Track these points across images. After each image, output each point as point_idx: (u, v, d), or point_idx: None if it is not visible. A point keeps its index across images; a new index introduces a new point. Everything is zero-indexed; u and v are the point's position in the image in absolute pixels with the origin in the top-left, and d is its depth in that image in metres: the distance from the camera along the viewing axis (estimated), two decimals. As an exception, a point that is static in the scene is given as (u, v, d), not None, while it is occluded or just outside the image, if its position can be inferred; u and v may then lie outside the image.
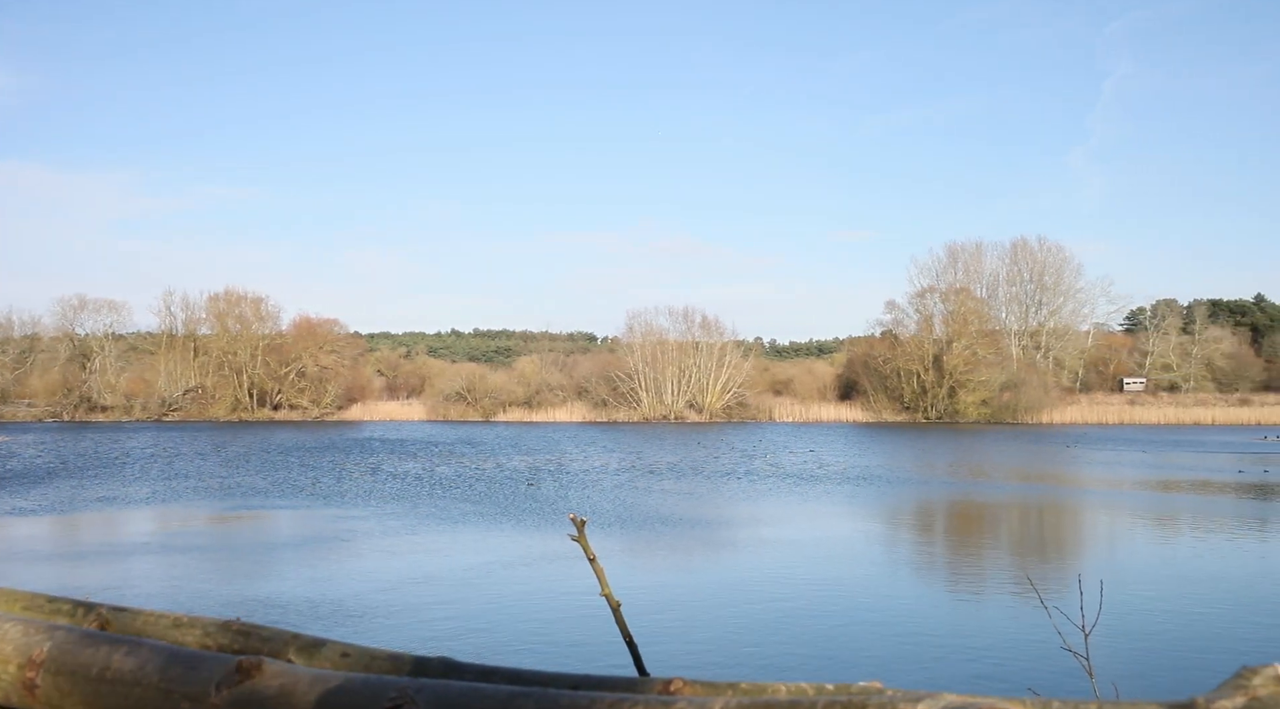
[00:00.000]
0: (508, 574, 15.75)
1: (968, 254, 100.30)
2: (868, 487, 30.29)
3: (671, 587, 14.89)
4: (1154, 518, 23.53)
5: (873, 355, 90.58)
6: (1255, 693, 1.18)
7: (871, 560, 17.64)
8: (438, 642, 11.17)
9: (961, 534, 22.16)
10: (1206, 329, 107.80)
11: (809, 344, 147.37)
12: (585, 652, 10.73)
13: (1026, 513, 25.20)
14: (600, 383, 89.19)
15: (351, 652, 1.87)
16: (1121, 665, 9.72)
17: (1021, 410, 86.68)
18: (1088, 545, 20.28)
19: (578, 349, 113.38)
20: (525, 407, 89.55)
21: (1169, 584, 15.14)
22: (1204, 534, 20.67)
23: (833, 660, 10.51)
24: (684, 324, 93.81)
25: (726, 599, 13.84)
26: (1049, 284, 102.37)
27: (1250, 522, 22.42)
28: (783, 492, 28.65)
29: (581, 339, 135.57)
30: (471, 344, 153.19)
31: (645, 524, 21.64)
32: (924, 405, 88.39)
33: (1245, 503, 26.05)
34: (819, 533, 20.40)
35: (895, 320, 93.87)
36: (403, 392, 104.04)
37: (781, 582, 15.24)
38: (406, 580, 15.14)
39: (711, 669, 10.03)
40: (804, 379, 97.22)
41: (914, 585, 15.65)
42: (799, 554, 17.82)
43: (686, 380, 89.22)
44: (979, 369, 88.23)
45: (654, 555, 18.08)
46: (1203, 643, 11.36)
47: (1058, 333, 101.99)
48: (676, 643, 11.22)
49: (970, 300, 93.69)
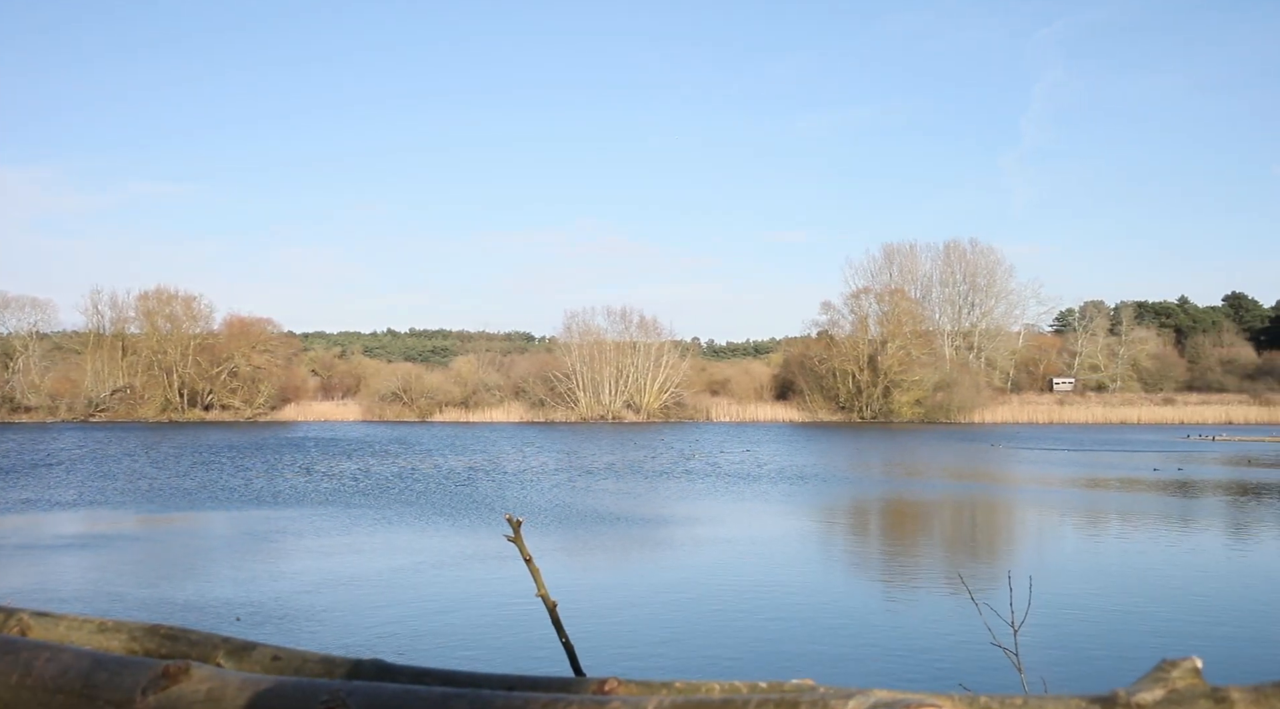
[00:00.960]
0: (443, 575, 15.64)
1: (902, 255, 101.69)
2: (803, 486, 30.54)
3: (608, 586, 14.90)
4: (1081, 515, 24.01)
5: (809, 356, 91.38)
6: (1174, 685, 1.21)
7: (807, 559, 17.78)
8: (371, 644, 11.06)
9: (895, 532, 22.43)
10: (1132, 330, 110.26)
11: (746, 344, 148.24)
12: (521, 652, 10.69)
13: (959, 511, 25.57)
14: (538, 383, 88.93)
15: (282, 654, 1.84)
16: (1051, 660, 9.90)
17: (954, 410, 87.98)
18: (1018, 542, 20.63)
19: (515, 349, 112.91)
20: (462, 407, 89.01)
21: (1096, 580, 15.46)
22: (1128, 530, 21.13)
23: (767, 659, 10.59)
24: (621, 324, 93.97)
25: (663, 598, 13.87)
26: (981, 285, 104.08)
27: (1171, 518, 22.96)
28: (720, 491, 28.78)
29: (519, 339, 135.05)
30: (408, 344, 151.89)
31: (582, 524, 21.62)
32: (859, 405, 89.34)
33: (1166, 500, 26.67)
34: (755, 532, 20.53)
35: (831, 321, 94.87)
36: (338, 392, 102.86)
37: (718, 580, 15.31)
38: (340, 581, 14.98)
39: (648, 668, 10.05)
40: (741, 379, 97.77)
41: (848, 583, 15.81)
42: (735, 553, 17.91)
43: (624, 380, 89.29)
44: (913, 369, 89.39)
45: (591, 555, 18.07)
46: (1130, 637, 11.61)
47: (990, 333, 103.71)
48: (613, 643, 11.22)
49: (904, 301, 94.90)
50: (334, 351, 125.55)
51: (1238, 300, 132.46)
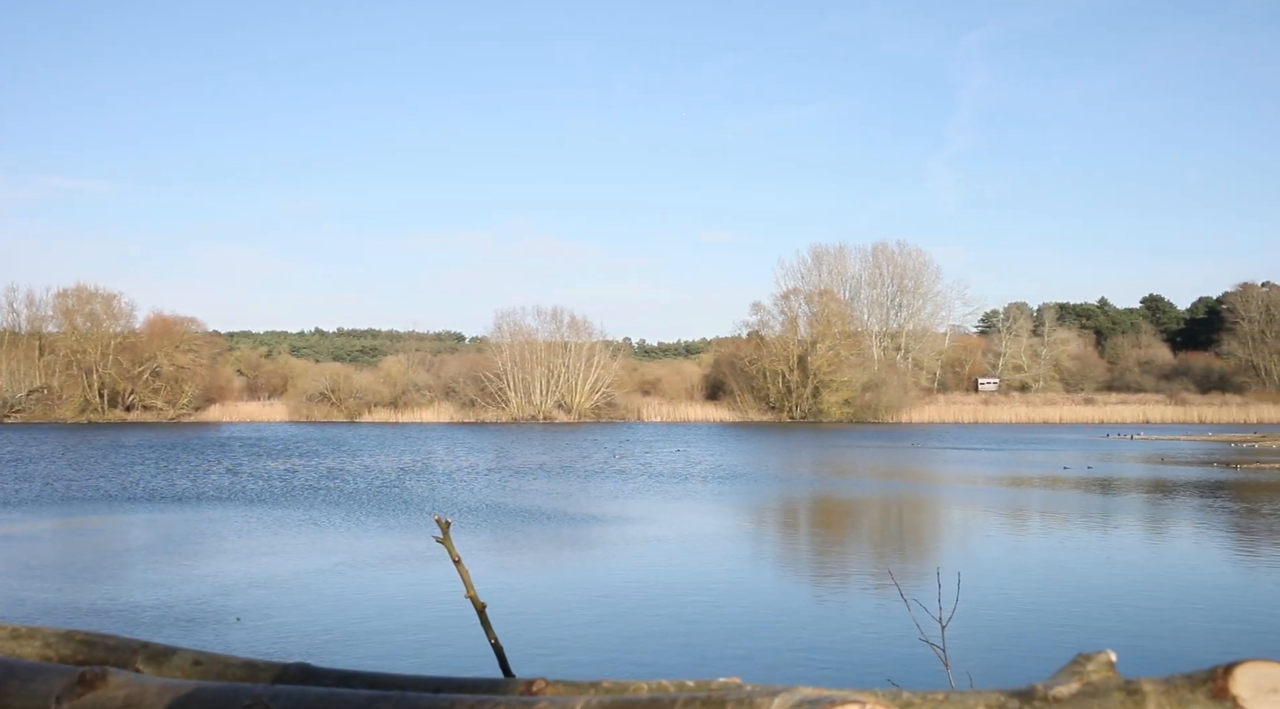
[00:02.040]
0: (371, 576, 15.48)
1: (831, 257, 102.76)
2: (734, 485, 30.72)
3: (539, 586, 14.85)
4: (1005, 512, 24.45)
5: (739, 356, 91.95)
6: (1089, 678, 1.24)
7: (737, 557, 17.89)
8: (295, 647, 10.91)
9: (825, 530, 22.66)
10: (1055, 332, 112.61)
11: (677, 345, 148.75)
12: (450, 654, 10.62)
13: (887, 509, 25.90)
14: (468, 383, 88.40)
15: (204, 659, 1.81)
16: (977, 654, 10.06)
17: (882, 410, 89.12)
18: (945, 540, 20.96)
19: (445, 349, 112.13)
20: (391, 407, 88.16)
21: (1020, 575, 15.75)
22: (1049, 527, 21.58)
23: (696, 658, 10.63)
24: (553, 324, 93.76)
25: (594, 598, 13.87)
26: (909, 287, 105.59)
27: (1090, 515, 23.48)
28: (651, 491, 28.84)
29: (449, 339, 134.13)
30: (336, 343, 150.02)
31: (513, 524, 21.53)
32: (789, 405, 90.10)
33: (1085, 498, 27.27)
34: (685, 531, 20.60)
35: (761, 321, 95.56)
36: (264, 392, 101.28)
37: (648, 580, 15.34)
38: (264, 584, 14.74)
39: (577, 668, 10.04)
40: (672, 379, 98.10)
41: (778, 581, 15.93)
42: (665, 552, 17.96)
43: (555, 380, 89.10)
44: (842, 370, 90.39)
45: (521, 555, 18.00)
46: (1053, 630, 11.85)
47: (917, 334, 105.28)
48: (543, 643, 11.19)
49: (834, 302, 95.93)
50: (260, 351, 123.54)
51: (1155, 302, 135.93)
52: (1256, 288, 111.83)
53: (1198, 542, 19.53)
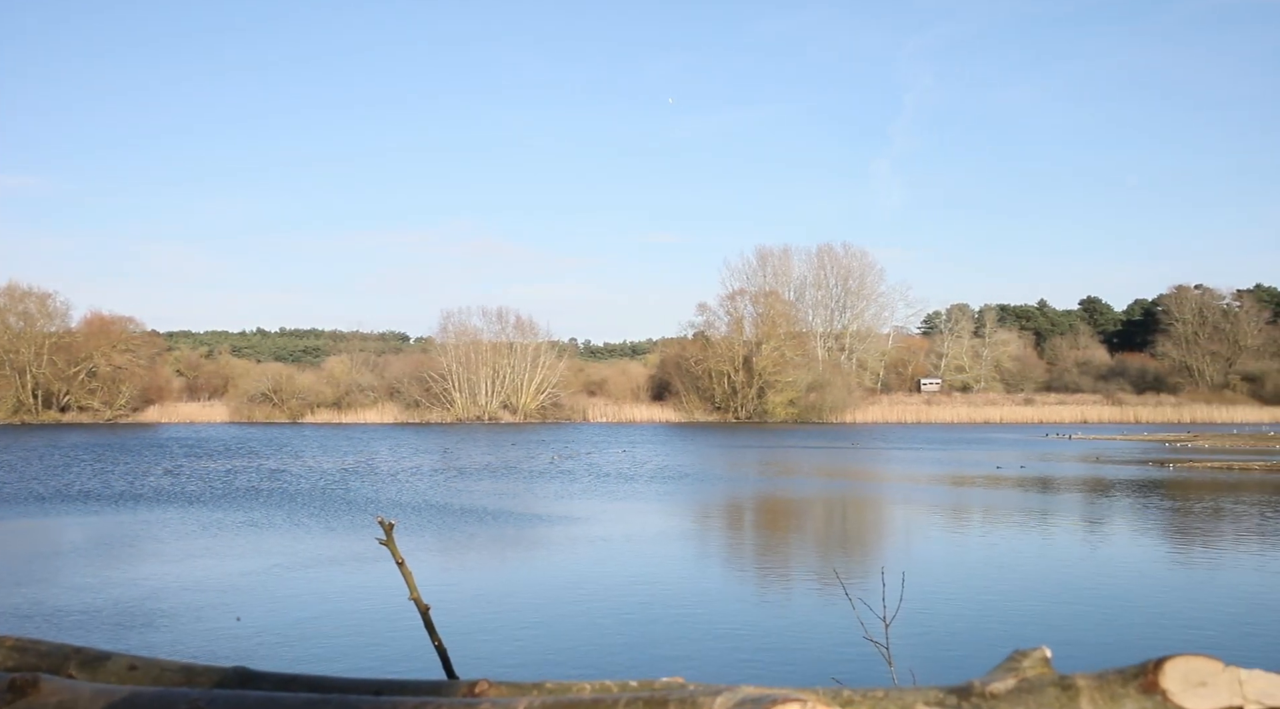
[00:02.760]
0: (313, 578, 15.31)
1: (776, 258, 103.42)
2: (679, 485, 30.79)
3: (483, 587, 14.78)
4: (947, 510, 24.75)
5: (685, 356, 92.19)
6: (1025, 674, 1.26)
7: (682, 557, 17.93)
8: (235, 650, 10.76)
9: (770, 530, 22.79)
10: (995, 332, 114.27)
11: (623, 345, 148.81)
12: (393, 657, 10.54)
13: (831, 508, 26.11)
14: (413, 383, 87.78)
15: (139, 664, 1.78)
16: (920, 652, 10.17)
17: (827, 410, 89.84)
18: (888, 538, 21.16)
19: (390, 349, 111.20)
20: (335, 408, 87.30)
21: (962, 573, 15.96)
22: (990, 525, 21.88)
23: (640, 658, 10.64)
24: (498, 324, 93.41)
25: (538, 599, 13.83)
26: (853, 288, 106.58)
27: (1030, 513, 23.84)
28: (596, 491, 28.83)
29: (394, 339, 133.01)
30: (278, 343, 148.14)
31: (457, 525, 21.41)
32: (734, 405, 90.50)
33: (1025, 496, 27.69)
34: (630, 531, 20.61)
35: (707, 322, 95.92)
36: (204, 393, 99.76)
37: (593, 579, 15.33)
38: (202, 586, 14.53)
39: (520, 670, 10.01)
40: (618, 380, 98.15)
41: (723, 581, 15.99)
42: (611, 552, 17.96)
43: (500, 381, 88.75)
44: (787, 370, 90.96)
45: (466, 556, 17.91)
46: (993, 627, 12.01)
47: (860, 335, 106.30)
48: (487, 644, 11.14)
49: (779, 303, 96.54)
50: (200, 351, 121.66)
51: (1092, 304, 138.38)
52: (1190, 290, 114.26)
53: (1132, 539, 19.90)
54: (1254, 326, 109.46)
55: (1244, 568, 16.42)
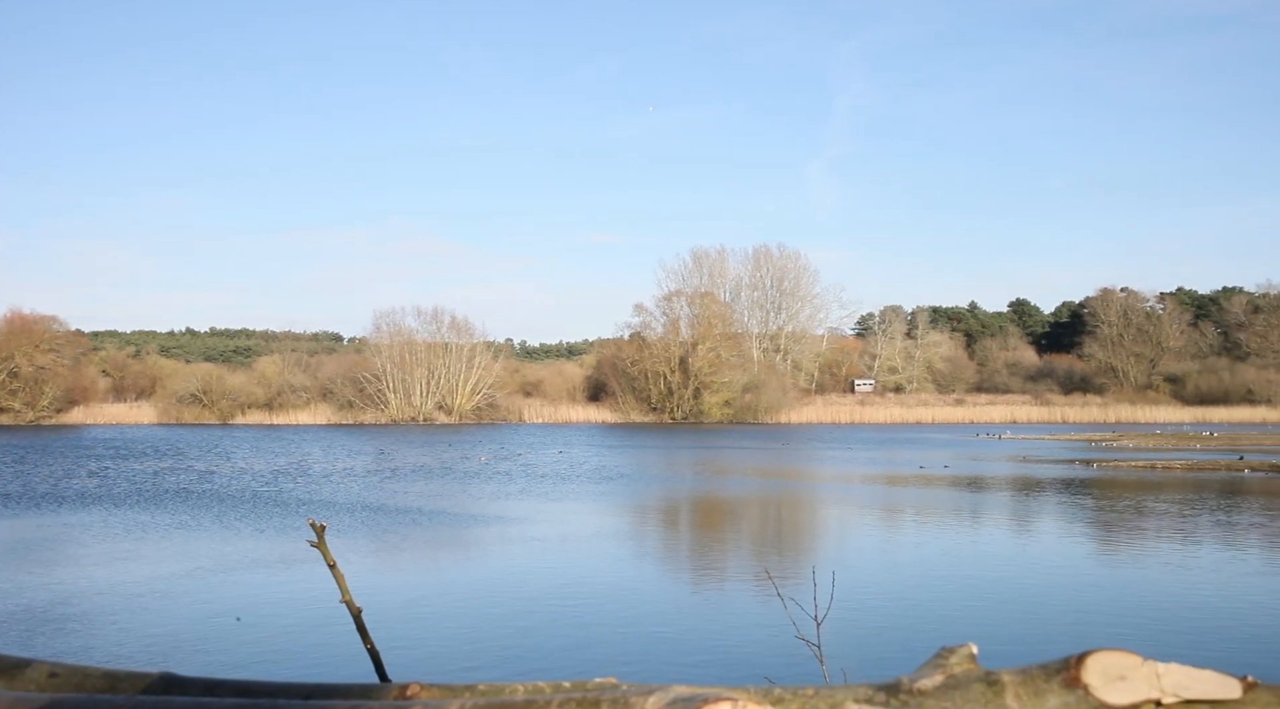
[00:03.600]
0: (241, 581, 15.07)
1: (712, 259, 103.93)
2: (615, 485, 30.81)
3: (417, 589, 14.67)
4: (878, 510, 25.05)
5: (621, 357, 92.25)
6: (951, 670, 1.28)
7: (617, 557, 17.94)
8: (161, 655, 10.56)
9: (705, 530, 22.88)
10: (928, 334, 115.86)
11: (559, 346, 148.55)
12: (325, 660, 10.42)
13: (765, 508, 26.28)
14: (346, 384, 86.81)
15: (60, 671, 1.74)
16: (851, 651, 10.27)
17: (762, 410, 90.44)
18: (821, 538, 21.36)
19: (323, 349, 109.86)
20: (266, 409, 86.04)
21: (893, 571, 16.16)
22: (920, 524, 22.18)
23: (574, 658, 10.63)
24: (433, 325, 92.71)
25: (473, 600, 13.76)
26: (788, 289, 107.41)
27: (960, 512, 24.21)
28: (532, 492, 28.74)
29: (327, 339, 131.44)
30: (208, 343, 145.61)
31: (391, 526, 21.22)
32: (670, 406, 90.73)
33: (955, 495, 28.11)
34: (566, 531, 20.58)
35: (643, 323, 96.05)
36: (131, 393, 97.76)
37: (528, 580, 15.28)
38: (127, 591, 14.23)
39: (454, 672, 9.94)
40: (554, 380, 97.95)
41: (658, 581, 16.03)
42: (546, 552, 17.91)
43: (435, 382, 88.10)
44: (722, 371, 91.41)
45: (400, 557, 17.75)
46: (924, 624, 12.18)
47: (795, 336, 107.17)
48: (420, 647, 11.06)
49: (715, 304, 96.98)
50: (127, 351, 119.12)
51: (1021, 306, 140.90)
52: (1115, 293, 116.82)
53: (1057, 537, 20.29)
54: (1176, 329, 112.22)
55: (1165, 564, 16.82)
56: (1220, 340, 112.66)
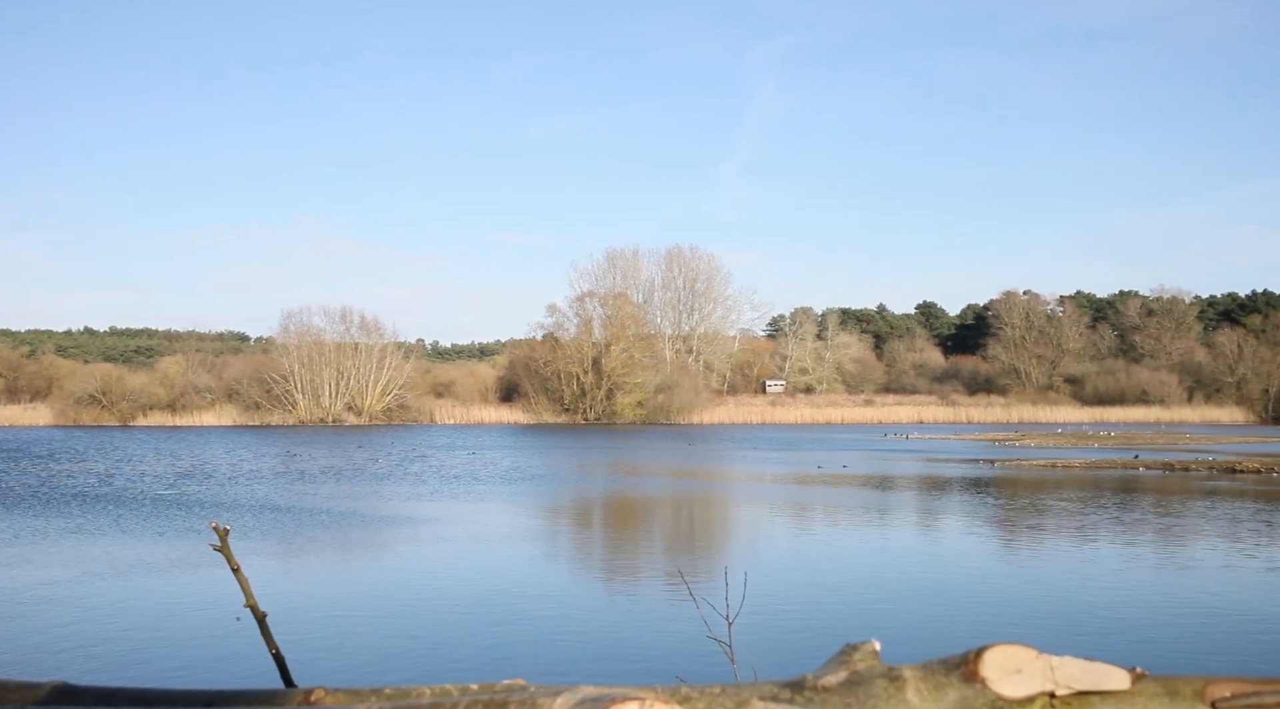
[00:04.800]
0: (140, 586, 14.68)
1: (625, 260, 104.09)
2: (528, 486, 30.69)
3: (324, 592, 14.44)
4: (789, 509, 25.35)
5: (534, 358, 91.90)
6: (855, 667, 1.31)
7: (528, 558, 17.88)
8: (55, 664, 10.24)
9: (617, 530, 22.91)
10: (837, 336, 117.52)
11: (471, 346, 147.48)
12: (229, 666, 10.20)
13: (678, 508, 26.41)
14: (253, 385, 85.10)
15: (-52, 682, 1.68)
16: (762, 649, 10.37)
17: (674, 411, 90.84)
18: (733, 537, 21.53)
19: (228, 350, 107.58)
20: (169, 410, 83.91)
21: (803, 569, 16.36)
22: (830, 523, 22.50)
23: (484, 661, 10.57)
24: (342, 325, 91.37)
25: (381, 602, 13.59)
26: (701, 291, 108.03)
27: (869, 510, 24.61)
28: (443, 493, 28.48)
29: (232, 339, 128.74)
30: (108, 343, 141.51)
31: (299, 529, 20.86)
32: (583, 407, 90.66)
33: (865, 494, 28.57)
34: (477, 532, 20.44)
35: (556, 324, 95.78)
36: (25, 394, 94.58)
37: (437, 582, 15.15)
38: (16, 598, 13.77)
39: (361, 675, 9.82)
40: (466, 381, 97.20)
41: (569, 582, 16.01)
42: (456, 553, 17.77)
43: (345, 382, 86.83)
44: (635, 372, 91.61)
45: (307, 560, 17.47)
46: (834, 622, 12.35)
47: (708, 337, 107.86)
48: (328, 650, 10.89)
49: (628, 305, 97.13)
50: (21, 351, 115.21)
51: (928, 309, 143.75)
52: (1018, 296, 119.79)
53: (961, 535, 20.75)
54: (1075, 331, 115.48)
55: (1063, 560, 17.30)
56: (1117, 342, 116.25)
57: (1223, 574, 16.05)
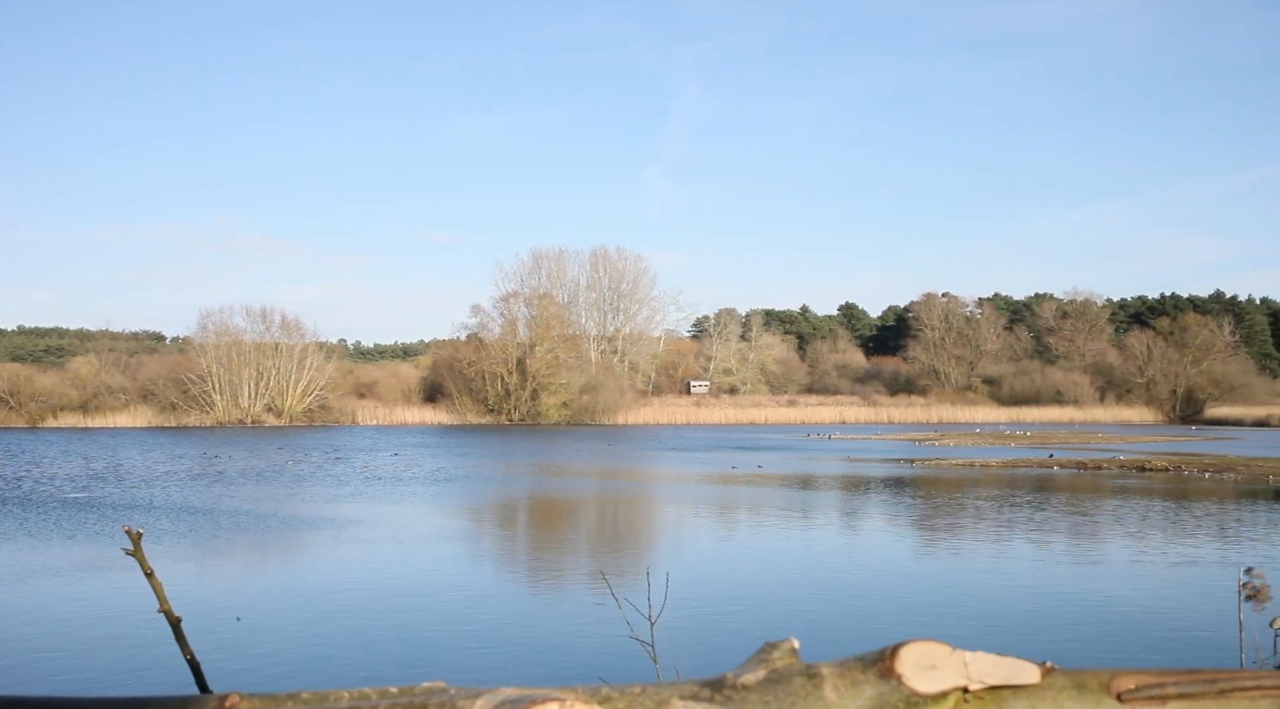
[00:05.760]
0: (49, 591, 14.29)
1: (551, 260, 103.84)
2: (451, 487, 30.46)
3: (241, 595, 14.19)
4: (712, 509, 25.49)
5: (458, 358, 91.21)
6: (774, 665, 1.32)
7: (451, 559, 17.75)
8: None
9: (541, 531, 22.85)
10: (761, 336, 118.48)
11: (394, 346, 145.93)
12: (142, 672, 9.98)
13: (602, 508, 26.42)
14: (169, 385, 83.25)
15: None
16: (685, 649, 10.42)
17: (599, 412, 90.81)
18: (657, 537, 21.60)
19: (143, 349, 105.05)
20: (80, 411, 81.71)
21: (725, 569, 16.47)
22: (752, 522, 22.69)
23: (404, 663, 10.48)
24: (262, 324, 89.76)
25: (300, 605, 13.40)
26: (626, 291, 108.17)
27: (791, 510, 24.85)
28: (366, 494, 28.14)
29: (148, 339, 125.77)
30: (15, 342, 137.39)
31: (216, 531, 20.46)
32: (508, 407, 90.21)
33: (787, 494, 28.85)
34: (400, 533, 20.24)
35: (480, 324, 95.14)
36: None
37: (358, 584, 14.97)
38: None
39: (281, 680, 9.67)
40: (389, 382, 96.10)
41: (493, 583, 15.93)
42: (378, 556, 17.58)
43: (265, 383, 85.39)
44: (560, 372, 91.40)
45: (225, 563, 17.15)
46: (756, 621, 12.45)
47: (633, 338, 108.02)
48: (245, 656, 10.71)
49: (553, 305, 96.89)
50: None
51: (850, 310, 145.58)
52: (937, 298, 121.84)
53: (882, 533, 21.06)
54: (993, 333, 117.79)
55: (980, 557, 17.65)
56: (1032, 344, 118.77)
57: (1132, 570, 16.51)
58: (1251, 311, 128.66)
